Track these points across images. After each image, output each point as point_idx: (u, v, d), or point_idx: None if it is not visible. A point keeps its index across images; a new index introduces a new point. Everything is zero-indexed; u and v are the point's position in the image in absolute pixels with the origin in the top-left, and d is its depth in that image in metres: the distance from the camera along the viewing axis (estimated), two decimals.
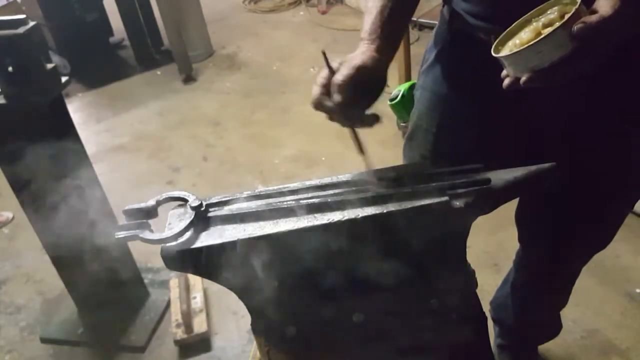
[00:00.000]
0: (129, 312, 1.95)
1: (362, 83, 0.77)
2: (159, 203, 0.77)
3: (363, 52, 0.82)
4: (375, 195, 0.74)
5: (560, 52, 0.66)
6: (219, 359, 1.81)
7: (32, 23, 1.34)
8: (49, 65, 1.43)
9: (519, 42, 0.72)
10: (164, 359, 1.84)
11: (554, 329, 1.54)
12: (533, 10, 0.73)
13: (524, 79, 0.70)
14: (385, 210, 0.71)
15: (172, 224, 0.74)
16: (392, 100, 1.86)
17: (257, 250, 0.71)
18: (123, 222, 0.75)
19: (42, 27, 2.41)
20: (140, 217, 0.75)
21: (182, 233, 0.71)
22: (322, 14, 4.74)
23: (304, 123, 3.11)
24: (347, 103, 0.76)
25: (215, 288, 2.00)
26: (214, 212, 0.76)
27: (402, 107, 1.82)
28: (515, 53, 0.69)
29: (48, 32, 3.81)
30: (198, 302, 1.95)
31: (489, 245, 2.09)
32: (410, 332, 0.79)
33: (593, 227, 1.09)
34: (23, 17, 1.35)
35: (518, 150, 1.02)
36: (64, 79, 1.48)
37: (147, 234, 0.71)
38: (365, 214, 0.71)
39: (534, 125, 0.99)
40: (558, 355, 1.69)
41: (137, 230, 0.72)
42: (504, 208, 0.81)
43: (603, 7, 0.65)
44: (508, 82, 0.73)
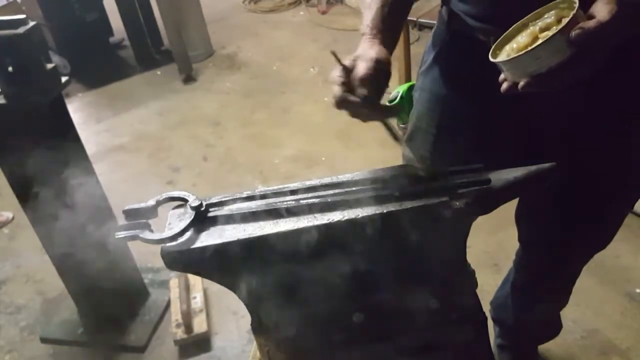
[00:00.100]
0: (129, 312, 1.95)
1: (378, 76, 0.77)
2: (159, 203, 0.77)
3: (371, 46, 0.81)
4: (375, 195, 0.74)
5: (558, 57, 0.66)
6: (219, 359, 1.81)
7: (32, 23, 1.34)
8: (49, 65, 1.43)
9: (517, 46, 0.72)
10: (164, 359, 1.84)
11: (554, 329, 1.54)
12: (530, 14, 0.73)
13: (522, 84, 0.70)
14: (385, 210, 0.72)
15: (172, 224, 0.74)
16: (391, 102, 1.86)
17: (256, 250, 0.71)
18: (123, 222, 0.75)
19: (42, 27, 2.40)
20: (140, 217, 0.75)
21: (182, 233, 0.71)
22: (322, 14, 4.74)
23: (304, 123, 3.12)
24: (372, 96, 0.76)
25: (215, 288, 1.99)
26: (214, 212, 0.76)
27: (401, 108, 1.82)
28: (513, 59, 0.69)
29: (48, 32, 3.81)
30: (198, 302, 1.95)
31: (489, 245, 2.09)
32: (410, 332, 0.79)
33: (593, 227, 1.09)
34: (23, 17, 1.35)
35: (518, 150, 1.02)
36: (64, 79, 1.48)
37: (147, 234, 0.72)
38: (365, 214, 0.71)
39: (534, 125, 0.99)
40: (558, 355, 1.69)
41: (137, 230, 0.72)
42: (504, 208, 0.81)
43: (600, 12, 0.65)
44: (506, 86, 0.73)
